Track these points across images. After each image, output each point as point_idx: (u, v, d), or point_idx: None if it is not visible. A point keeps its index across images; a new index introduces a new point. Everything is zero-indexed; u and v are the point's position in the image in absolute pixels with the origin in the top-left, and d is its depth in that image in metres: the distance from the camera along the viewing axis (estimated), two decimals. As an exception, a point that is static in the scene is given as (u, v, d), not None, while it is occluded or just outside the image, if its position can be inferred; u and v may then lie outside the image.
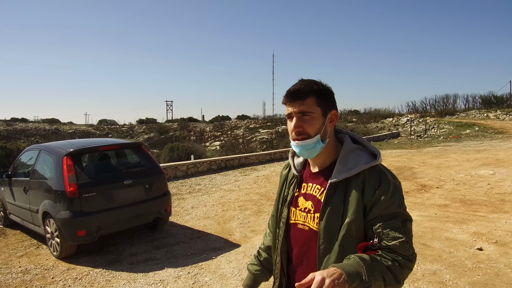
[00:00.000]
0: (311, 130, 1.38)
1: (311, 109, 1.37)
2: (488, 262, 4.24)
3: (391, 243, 1.28)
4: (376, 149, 1.44)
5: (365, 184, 1.34)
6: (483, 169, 9.92)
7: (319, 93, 1.39)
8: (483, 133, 23.03)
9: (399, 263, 1.27)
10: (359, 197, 1.33)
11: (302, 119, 1.38)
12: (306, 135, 1.38)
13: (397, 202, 1.33)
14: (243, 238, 5.61)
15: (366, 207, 1.33)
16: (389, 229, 1.29)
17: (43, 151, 5.57)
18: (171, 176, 10.82)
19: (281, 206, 1.58)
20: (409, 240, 1.31)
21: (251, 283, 1.78)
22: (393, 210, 1.32)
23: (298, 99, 1.38)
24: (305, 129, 1.38)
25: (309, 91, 1.38)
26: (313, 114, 1.37)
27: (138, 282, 4.22)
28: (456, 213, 6.24)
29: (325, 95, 1.41)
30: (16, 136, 42.41)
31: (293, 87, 1.40)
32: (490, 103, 38.45)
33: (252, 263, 1.81)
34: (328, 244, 1.35)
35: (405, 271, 1.28)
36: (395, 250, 1.28)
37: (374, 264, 1.23)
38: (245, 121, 48.68)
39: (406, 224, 1.33)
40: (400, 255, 1.28)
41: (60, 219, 4.77)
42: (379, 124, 32.00)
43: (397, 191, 1.35)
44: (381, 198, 1.31)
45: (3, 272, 4.67)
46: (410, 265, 1.30)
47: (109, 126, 55.93)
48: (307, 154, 1.43)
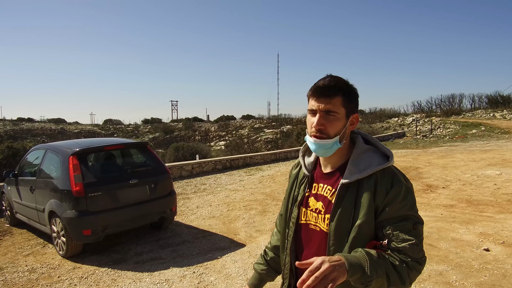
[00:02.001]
0: (332, 131, 1.34)
1: (336, 109, 1.33)
2: (495, 263, 4.21)
3: (401, 245, 1.27)
4: (389, 150, 1.41)
5: (377, 186, 1.32)
6: (490, 169, 9.85)
7: (347, 94, 1.35)
8: (489, 133, 22.87)
9: (407, 264, 1.25)
10: (371, 199, 1.31)
11: (326, 118, 1.34)
12: (326, 135, 1.34)
13: (409, 205, 1.31)
14: (248, 238, 5.61)
15: (378, 209, 1.31)
16: (399, 231, 1.28)
17: (49, 151, 5.60)
18: (176, 175, 10.84)
19: (291, 206, 1.55)
20: (419, 242, 1.29)
21: (257, 282, 1.77)
22: (405, 213, 1.30)
23: (326, 96, 1.33)
24: (327, 128, 1.34)
25: (338, 90, 1.34)
26: (338, 114, 1.34)
27: (144, 282, 4.23)
28: (462, 214, 6.20)
29: (352, 96, 1.38)
30: (23, 135, 42.70)
31: (322, 82, 1.35)
32: (496, 102, 38.20)
33: (259, 262, 1.79)
34: (338, 245, 1.34)
35: (413, 273, 1.26)
36: (404, 252, 1.27)
37: (380, 260, 1.21)
38: (250, 121, 48.70)
39: (417, 227, 1.31)
40: (409, 257, 1.26)
41: (66, 218, 4.79)
42: (384, 124, 31.88)
43: (409, 194, 1.33)
44: (393, 201, 1.29)
45: (10, 270, 4.70)
46: (419, 268, 1.28)
47: (115, 126, 56.14)
48: (322, 153, 1.40)
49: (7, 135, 41.19)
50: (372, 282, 1.18)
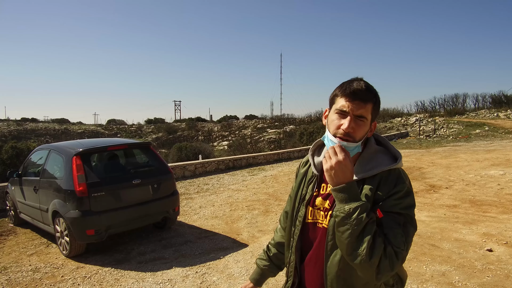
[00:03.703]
0: (359, 136, 1.35)
1: (367, 115, 1.34)
2: (498, 264, 4.20)
3: (386, 231, 1.26)
4: (398, 153, 1.41)
5: (381, 183, 1.33)
6: (493, 170, 9.82)
7: (376, 101, 1.37)
8: (493, 133, 22.77)
9: (386, 247, 1.22)
10: (371, 195, 1.32)
11: (356, 122, 1.33)
12: (352, 139, 1.34)
13: (405, 204, 1.31)
14: (250, 238, 5.61)
15: (376, 203, 1.32)
16: (389, 219, 1.27)
17: (53, 151, 5.62)
18: (179, 175, 10.87)
19: (299, 205, 1.55)
20: (405, 239, 1.26)
21: (258, 277, 1.78)
22: (399, 210, 1.29)
23: (361, 100, 1.33)
24: (356, 132, 1.34)
25: (372, 96, 1.35)
26: (367, 120, 1.35)
27: (147, 281, 4.24)
28: (465, 214, 6.18)
29: (378, 105, 1.39)
30: (27, 136, 42.88)
31: (357, 85, 1.34)
32: (500, 102, 38.01)
33: (261, 257, 1.81)
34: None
35: (387, 259, 1.21)
36: (388, 237, 1.24)
37: (368, 218, 1.22)
38: (253, 121, 48.72)
39: (407, 226, 1.30)
40: (390, 243, 1.24)
41: (70, 218, 4.82)
42: (387, 124, 31.80)
43: (409, 196, 1.33)
44: (391, 197, 1.30)
45: (14, 270, 4.73)
46: (394, 259, 1.22)
47: (118, 126, 56.29)
48: None
49: (11, 135, 41.39)
50: (349, 219, 1.22)
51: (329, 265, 1.37)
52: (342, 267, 1.34)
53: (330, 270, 1.37)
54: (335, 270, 1.36)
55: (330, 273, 1.37)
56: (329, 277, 1.38)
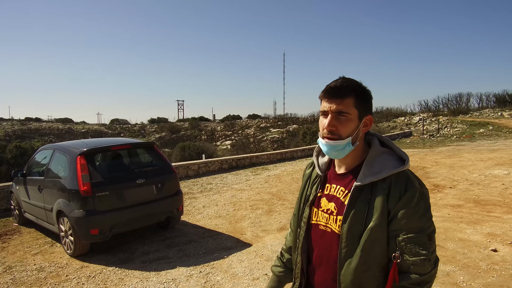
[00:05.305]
0: (344, 132, 1.34)
1: (348, 110, 1.33)
2: (503, 264, 4.18)
3: (412, 259, 1.27)
4: (405, 154, 1.39)
5: (391, 189, 1.31)
6: (497, 169, 9.77)
7: (359, 95, 1.35)
8: (497, 132, 22.66)
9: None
10: (384, 202, 1.30)
11: (337, 119, 1.33)
12: (337, 136, 1.34)
13: (421, 211, 1.30)
14: (254, 238, 5.62)
15: (390, 213, 1.30)
16: (413, 243, 1.28)
17: (57, 151, 5.65)
18: (182, 175, 10.88)
19: (303, 206, 1.55)
20: (431, 255, 1.29)
21: (276, 285, 1.74)
22: (418, 223, 1.29)
23: (338, 97, 1.33)
24: (338, 129, 1.34)
25: (350, 90, 1.33)
26: (350, 115, 1.33)
27: (151, 281, 4.25)
28: (469, 214, 6.16)
29: (364, 98, 1.37)
30: (30, 135, 43.01)
31: (334, 83, 1.35)
32: (504, 101, 37.85)
33: (276, 264, 1.77)
34: (350, 248, 1.34)
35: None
36: (413, 271, 1.27)
37: None
38: (256, 121, 48.68)
39: (432, 237, 1.31)
40: (418, 274, 1.27)
41: (74, 218, 4.83)
42: (391, 123, 31.71)
43: (423, 199, 1.32)
44: (405, 206, 1.29)
45: (19, 269, 4.75)
46: (428, 284, 1.29)
47: (121, 125, 56.37)
48: (335, 155, 1.39)
49: (15, 135, 41.59)
50: None
51: (343, 273, 1.35)
52: (358, 275, 1.32)
53: (345, 278, 1.35)
54: (350, 278, 1.33)
55: (345, 281, 1.35)
56: (343, 285, 1.36)
